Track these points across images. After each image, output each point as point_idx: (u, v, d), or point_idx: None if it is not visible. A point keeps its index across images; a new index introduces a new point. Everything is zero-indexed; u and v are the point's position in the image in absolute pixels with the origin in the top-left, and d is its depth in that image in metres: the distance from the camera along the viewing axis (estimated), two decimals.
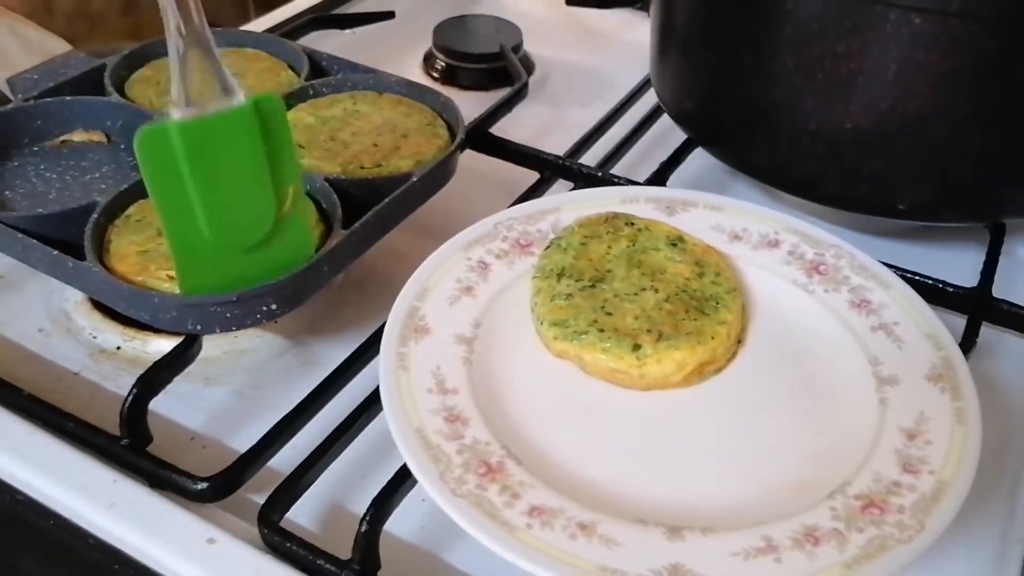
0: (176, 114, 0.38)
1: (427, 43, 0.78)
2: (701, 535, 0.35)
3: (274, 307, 0.43)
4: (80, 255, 0.43)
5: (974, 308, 0.49)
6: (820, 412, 0.42)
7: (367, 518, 0.38)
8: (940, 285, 0.50)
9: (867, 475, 0.37)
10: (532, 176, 0.59)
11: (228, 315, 0.42)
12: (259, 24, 0.77)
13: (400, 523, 0.40)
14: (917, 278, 0.50)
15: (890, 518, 0.35)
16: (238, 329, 0.43)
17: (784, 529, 0.35)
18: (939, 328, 0.44)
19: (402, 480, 0.39)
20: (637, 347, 0.42)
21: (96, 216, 0.45)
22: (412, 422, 0.39)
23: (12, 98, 0.54)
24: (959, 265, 0.55)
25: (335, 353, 0.48)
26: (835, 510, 0.36)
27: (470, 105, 0.56)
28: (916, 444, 0.38)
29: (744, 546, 0.35)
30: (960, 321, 0.48)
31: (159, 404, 0.44)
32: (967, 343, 0.46)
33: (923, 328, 0.44)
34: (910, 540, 0.34)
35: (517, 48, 0.76)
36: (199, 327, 0.43)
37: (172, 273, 0.43)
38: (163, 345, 0.48)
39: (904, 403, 0.41)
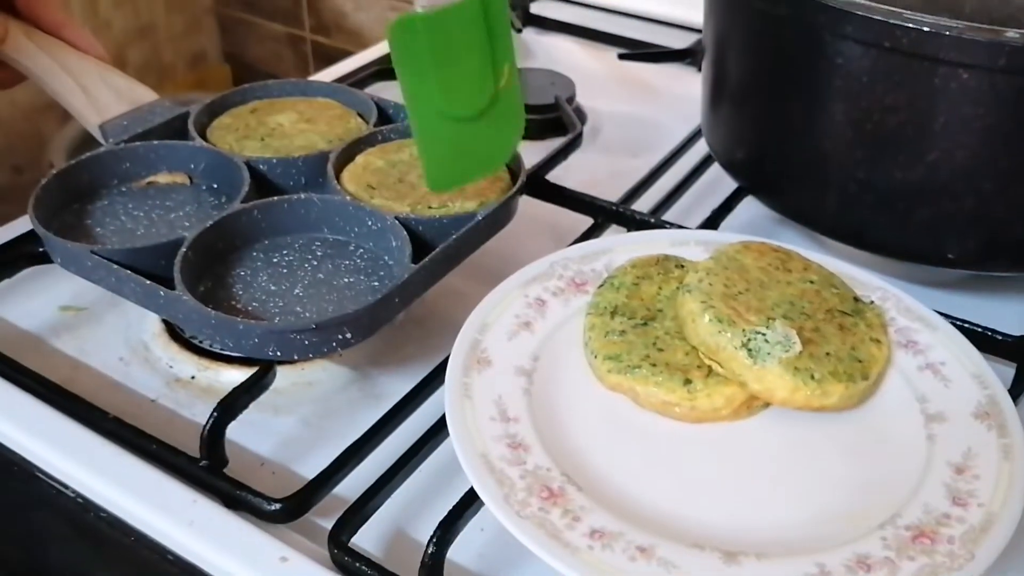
0: (419, 8, 0.45)
1: None
2: (756, 560, 0.36)
3: (349, 336, 0.45)
4: (168, 286, 0.46)
5: (1023, 356, 0.50)
6: (869, 446, 0.43)
7: (434, 539, 0.39)
8: (989, 333, 0.51)
9: (917, 507, 0.38)
10: (583, 222, 0.61)
11: (306, 342, 0.44)
12: (323, 76, 0.80)
13: (461, 550, 0.42)
14: (966, 326, 0.50)
15: (940, 548, 0.36)
16: (314, 356, 0.46)
17: (837, 557, 0.36)
18: (984, 368, 0.45)
19: (467, 505, 0.41)
20: (688, 381, 0.44)
21: (184, 250, 0.47)
22: (477, 447, 0.40)
23: (104, 142, 0.57)
24: (1008, 314, 0.56)
25: (398, 385, 0.50)
26: (886, 540, 0.37)
27: (526, 154, 0.58)
28: (964, 478, 0.39)
29: (798, 572, 0.36)
30: (1009, 369, 0.49)
31: (231, 431, 0.45)
32: (1016, 390, 0.47)
33: (969, 368, 0.45)
34: (961, 568, 0.35)
35: (571, 100, 0.78)
36: (278, 353, 0.45)
37: None
38: (235, 375, 0.50)
39: (952, 439, 0.41)
